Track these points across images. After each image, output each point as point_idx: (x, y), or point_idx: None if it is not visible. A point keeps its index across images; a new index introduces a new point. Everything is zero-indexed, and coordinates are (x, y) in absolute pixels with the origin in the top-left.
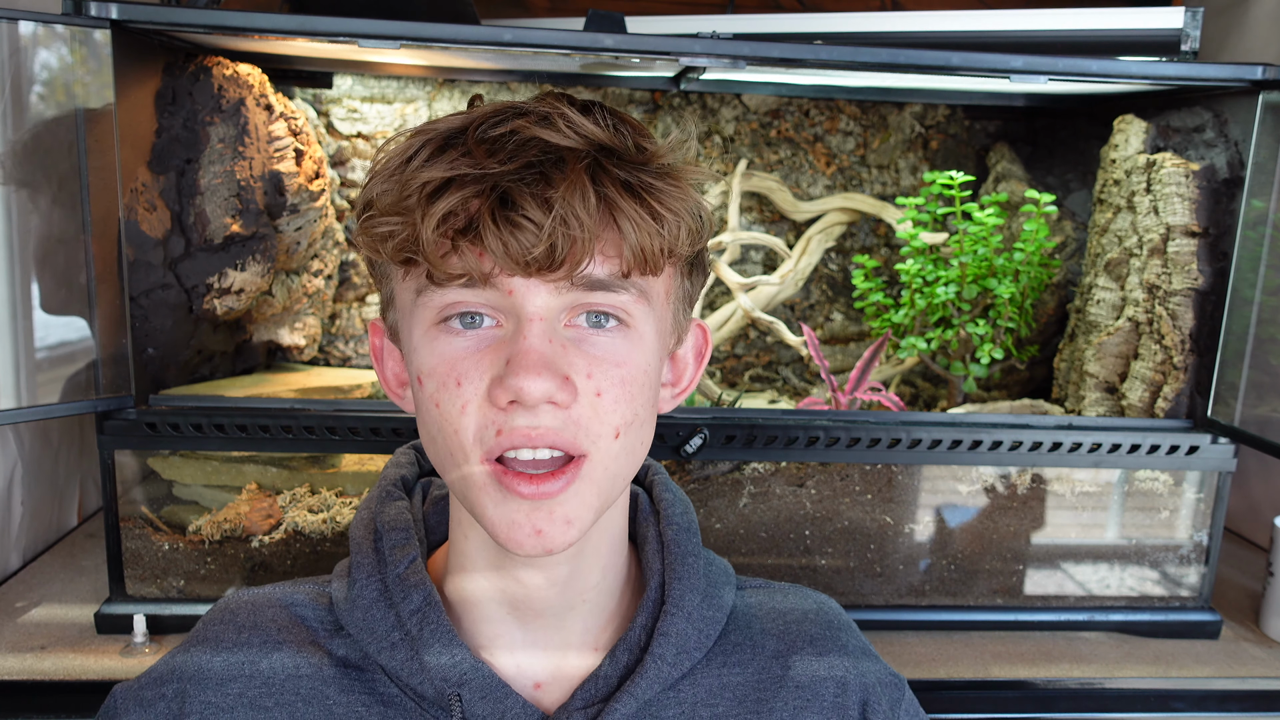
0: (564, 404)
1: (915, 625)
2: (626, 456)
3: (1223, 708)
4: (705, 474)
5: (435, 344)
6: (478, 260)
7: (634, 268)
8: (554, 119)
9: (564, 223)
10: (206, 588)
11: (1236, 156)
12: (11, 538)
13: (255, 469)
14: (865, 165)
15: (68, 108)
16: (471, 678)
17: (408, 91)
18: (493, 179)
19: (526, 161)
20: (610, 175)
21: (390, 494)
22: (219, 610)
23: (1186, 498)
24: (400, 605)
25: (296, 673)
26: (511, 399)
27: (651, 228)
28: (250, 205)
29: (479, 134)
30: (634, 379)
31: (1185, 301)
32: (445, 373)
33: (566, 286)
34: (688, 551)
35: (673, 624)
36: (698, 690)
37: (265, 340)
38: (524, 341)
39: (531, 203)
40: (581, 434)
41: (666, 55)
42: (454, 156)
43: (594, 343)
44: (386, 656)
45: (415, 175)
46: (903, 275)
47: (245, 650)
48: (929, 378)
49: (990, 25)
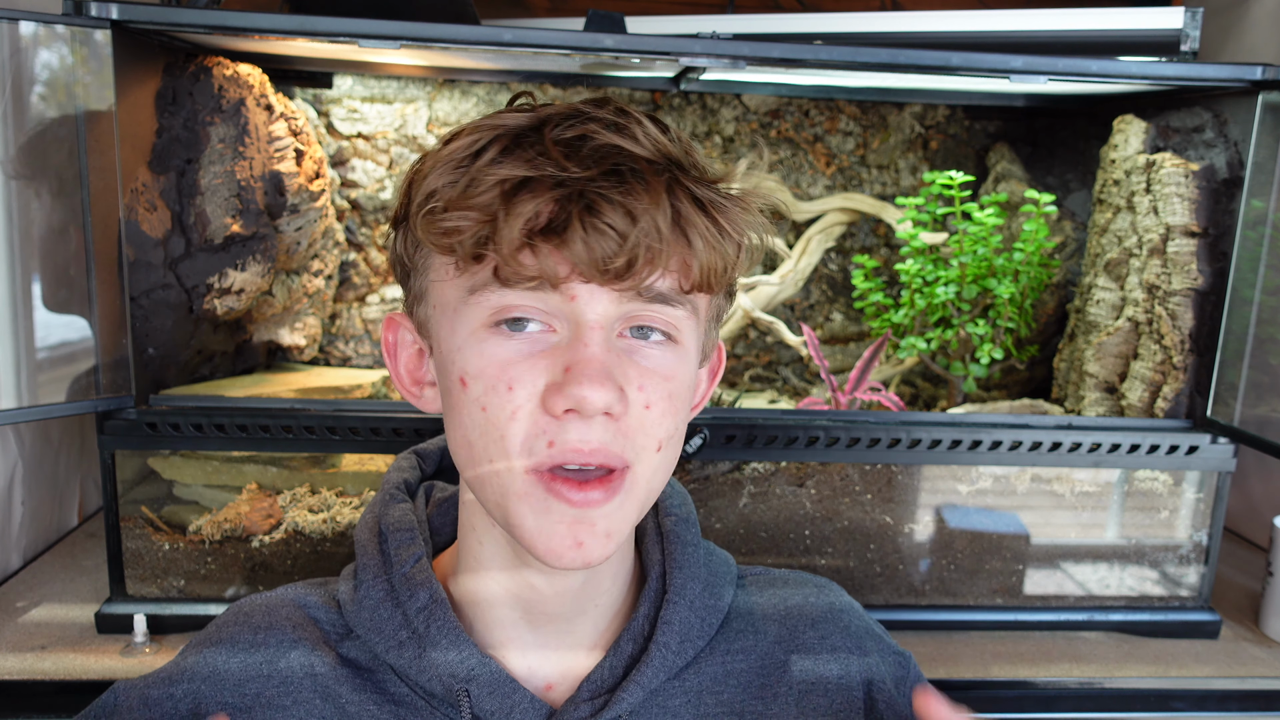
0: (619, 415)
1: (915, 625)
2: (664, 470)
3: (1222, 707)
4: (705, 474)
5: (485, 345)
6: (554, 263)
7: (698, 284)
8: (630, 128)
9: (646, 235)
10: (207, 588)
11: (1236, 156)
12: (12, 538)
13: (255, 469)
14: (865, 165)
15: (68, 108)
16: (479, 673)
17: (408, 91)
18: (577, 183)
19: (609, 168)
20: (685, 190)
21: (394, 496)
22: (233, 612)
23: (1186, 498)
24: (407, 604)
25: (312, 671)
26: (570, 407)
27: (720, 246)
28: (250, 205)
29: (554, 135)
30: (679, 393)
31: (1185, 301)
32: (495, 375)
33: (629, 296)
34: (687, 541)
35: (675, 612)
36: (703, 678)
37: (265, 340)
38: (586, 350)
39: (616, 212)
40: (629, 446)
41: (666, 55)
42: (530, 155)
43: (645, 354)
44: (394, 656)
45: (489, 170)
46: (903, 275)
47: (262, 650)
48: (929, 378)
49: (990, 25)
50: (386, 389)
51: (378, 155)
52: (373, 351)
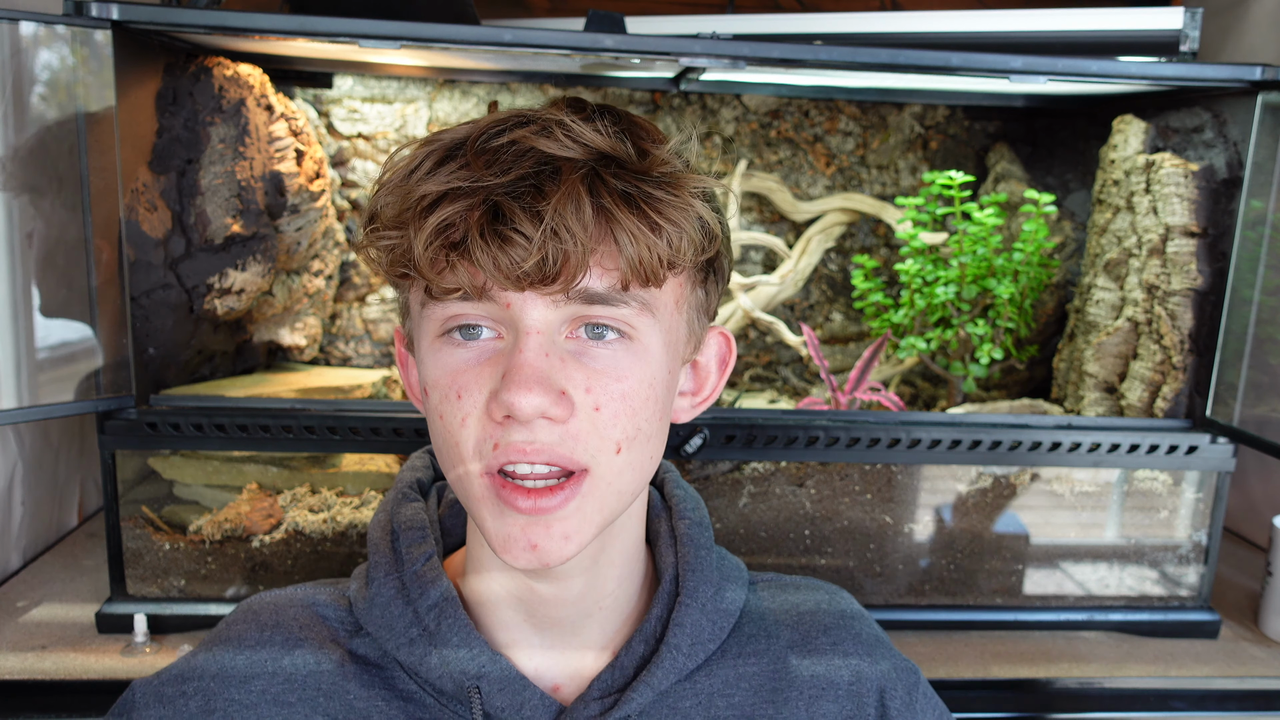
0: (560, 419)
1: (915, 625)
2: (631, 471)
3: (1222, 707)
4: (705, 474)
5: (439, 355)
6: (470, 275)
7: (632, 280)
8: (553, 128)
9: (555, 235)
10: (207, 587)
11: (1235, 157)
12: (12, 537)
13: (256, 469)
14: (865, 165)
15: (69, 108)
16: (490, 670)
17: (408, 92)
18: (485, 191)
19: (521, 173)
20: (608, 186)
21: (406, 496)
22: (242, 610)
23: (1186, 497)
24: (418, 601)
25: (318, 668)
26: (506, 414)
27: (649, 240)
28: (251, 205)
29: (479, 145)
30: (636, 393)
31: (1184, 301)
32: (447, 385)
33: (564, 300)
34: (700, 545)
35: (687, 614)
36: (714, 682)
37: (265, 340)
38: (519, 356)
39: (522, 215)
40: (580, 449)
41: (666, 55)
42: (453, 169)
43: (594, 355)
44: (405, 653)
45: (415, 188)
46: (902, 275)
47: (269, 648)
48: (929, 378)
49: (990, 25)
50: (386, 389)
51: (378, 155)
52: (373, 351)
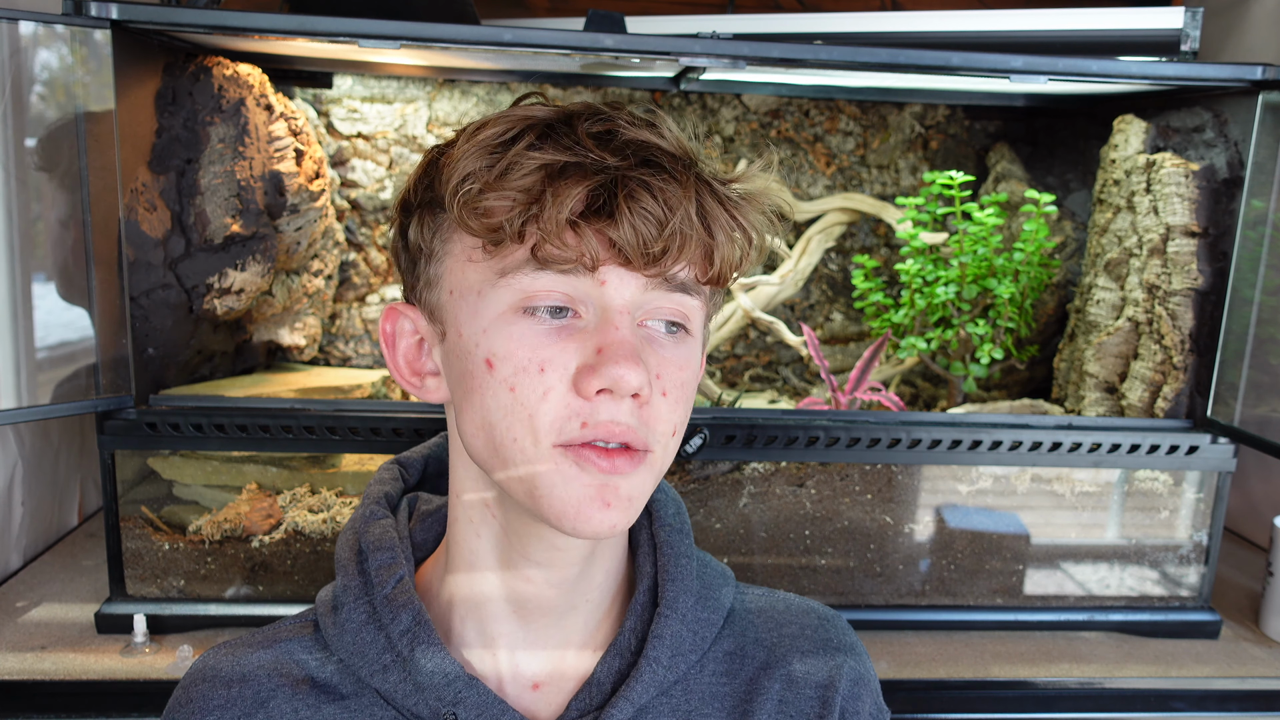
0: (645, 399)
1: (915, 625)
2: (671, 456)
3: (1222, 708)
4: (705, 474)
5: (513, 328)
6: (597, 245)
7: (715, 276)
8: (655, 124)
9: (683, 222)
10: (207, 587)
11: (1236, 156)
12: (12, 538)
13: (255, 469)
14: (865, 165)
15: (68, 108)
16: (466, 696)
17: (408, 91)
18: (615, 170)
19: (642, 159)
20: (707, 185)
21: (374, 513)
22: (197, 672)
23: (1186, 498)
24: (390, 626)
25: (296, 716)
26: (604, 387)
27: (737, 241)
28: (250, 205)
29: (584, 128)
30: (690, 383)
31: (1185, 301)
32: (526, 357)
33: (655, 284)
34: (680, 553)
35: (667, 626)
36: (690, 698)
37: (265, 340)
38: (617, 333)
39: (655, 199)
40: (649, 432)
41: (666, 55)
42: (566, 144)
43: (662, 344)
44: (379, 679)
45: (528, 156)
46: (903, 275)
47: (236, 708)
48: (929, 378)
49: (990, 25)
50: (386, 389)
51: (378, 155)
52: (372, 351)
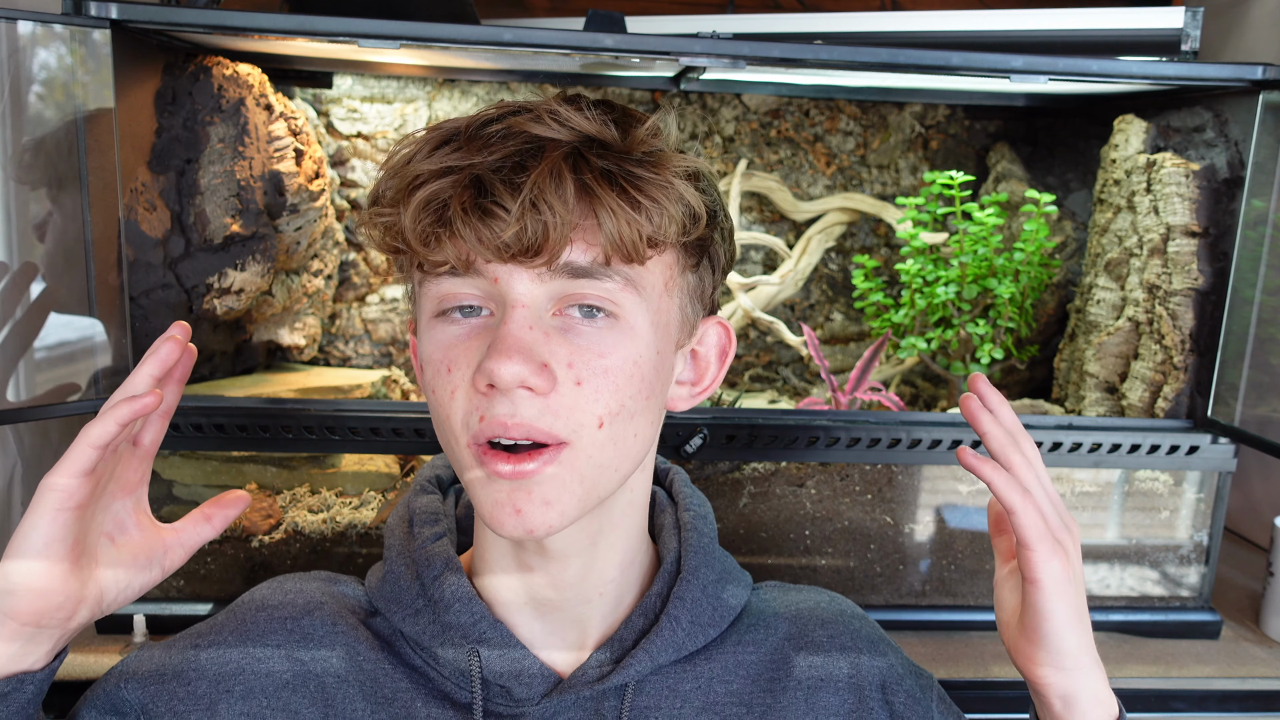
0: (541, 391)
1: (915, 625)
2: (614, 446)
3: (1223, 708)
4: (705, 474)
5: (434, 333)
6: (455, 248)
7: (613, 255)
8: (543, 114)
9: (533, 207)
10: (206, 587)
11: (1236, 156)
12: None
13: (255, 469)
14: (865, 165)
15: (67, 108)
16: (490, 636)
17: (408, 91)
18: (471, 169)
19: (506, 153)
20: (589, 164)
21: (424, 488)
22: (268, 582)
23: (1186, 498)
24: (424, 574)
25: (334, 629)
26: (488, 382)
27: (630, 215)
28: (250, 205)
29: (473, 130)
30: (619, 369)
31: (1185, 301)
32: (440, 360)
33: (548, 274)
34: (703, 533)
35: (688, 589)
36: (714, 667)
37: (265, 340)
38: (503, 328)
39: (503, 189)
40: (559, 423)
41: (666, 55)
42: (447, 151)
43: (580, 332)
44: (410, 624)
45: (410, 169)
46: (903, 275)
47: (290, 609)
48: (929, 378)
49: (990, 25)
50: (386, 389)
51: (377, 155)
52: (372, 351)
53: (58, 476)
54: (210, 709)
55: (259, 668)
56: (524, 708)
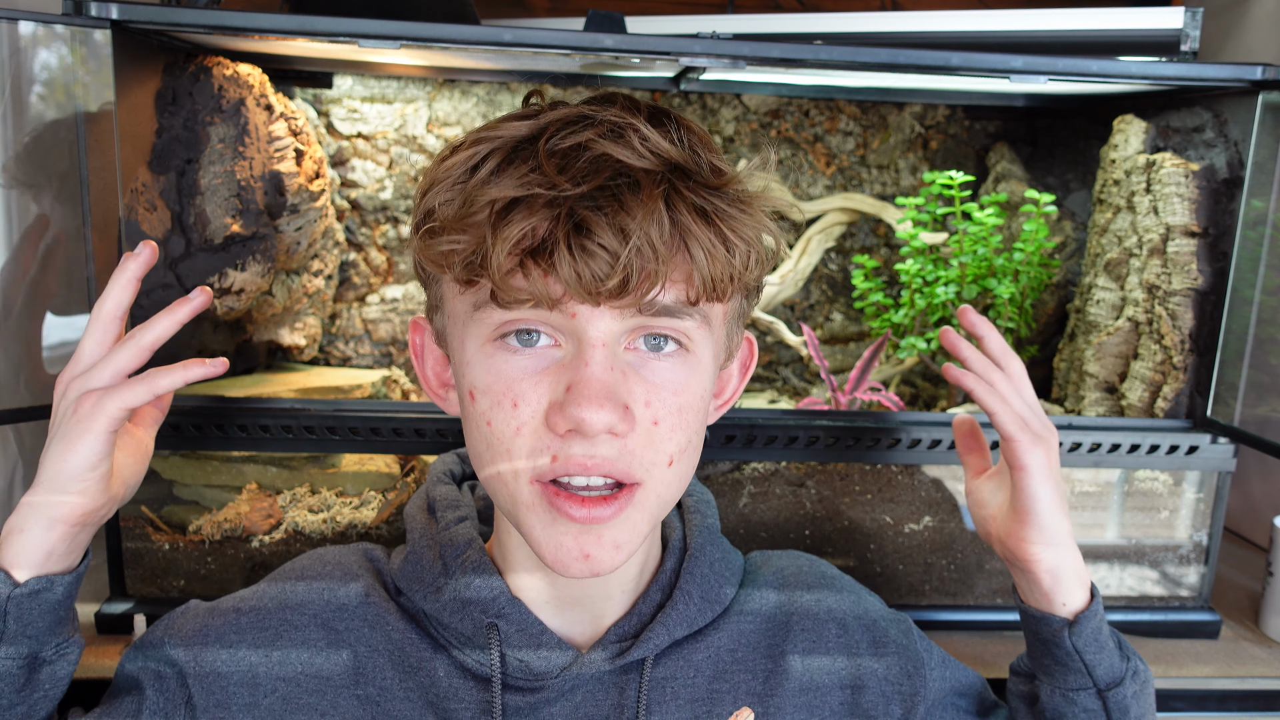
0: (622, 434)
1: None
2: (678, 483)
3: (1222, 708)
4: (705, 474)
5: (491, 361)
6: (545, 284)
7: (702, 295)
8: (627, 134)
9: (639, 253)
10: (207, 587)
11: (1236, 156)
12: None
13: (255, 469)
14: (865, 165)
15: (68, 108)
16: (509, 611)
17: (408, 91)
18: (567, 201)
19: (600, 184)
20: (685, 200)
21: (440, 479)
22: (309, 553)
23: (1186, 498)
24: (447, 553)
25: (367, 601)
26: (571, 428)
27: (723, 256)
28: (250, 205)
29: (549, 146)
30: (690, 406)
31: (1185, 301)
32: (501, 392)
33: (632, 312)
34: (705, 515)
35: (697, 566)
36: (721, 637)
37: (265, 340)
38: (585, 370)
39: (607, 230)
40: (636, 463)
41: (666, 55)
42: (524, 171)
43: (653, 368)
44: (431, 601)
45: (482, 190)
46: (903, 275)
47: (327, 580)
48: (929, 378)
49: (990, 25)
50: (386, 389)
51: (378, 155)
52: (372, 351)
53: (111, 402)
54: (250, 672)
55: (296, 635)
56: (544, 681)
